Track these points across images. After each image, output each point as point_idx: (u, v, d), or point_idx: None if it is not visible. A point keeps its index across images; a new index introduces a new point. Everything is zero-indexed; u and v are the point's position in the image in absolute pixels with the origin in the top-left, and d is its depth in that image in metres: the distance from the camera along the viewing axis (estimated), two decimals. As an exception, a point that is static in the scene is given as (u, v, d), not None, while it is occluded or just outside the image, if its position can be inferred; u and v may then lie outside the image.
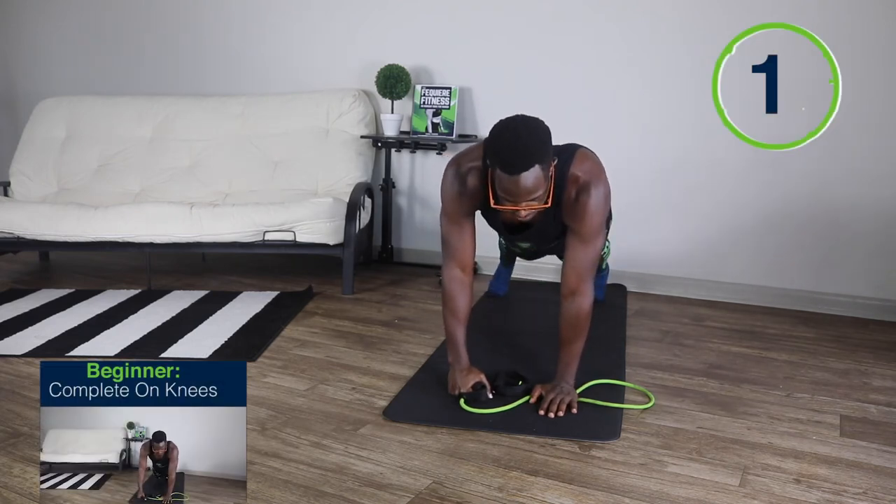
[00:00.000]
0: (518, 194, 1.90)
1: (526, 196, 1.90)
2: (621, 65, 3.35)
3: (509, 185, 1.89)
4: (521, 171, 1.85)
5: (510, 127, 1.91)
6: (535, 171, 1.86)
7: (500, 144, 1.90)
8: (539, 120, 1.95)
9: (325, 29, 3.97)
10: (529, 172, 1.85)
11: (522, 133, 1.89)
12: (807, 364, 2.49)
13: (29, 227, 3.31)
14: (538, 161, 1.86)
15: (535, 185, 1.88)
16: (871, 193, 3.00)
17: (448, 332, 2.20)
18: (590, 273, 2.09)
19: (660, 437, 1.92)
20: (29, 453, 1.79)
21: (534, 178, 1.86)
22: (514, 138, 1.88)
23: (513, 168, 1.86)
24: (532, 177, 1.86)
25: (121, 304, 3.10)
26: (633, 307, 3.15)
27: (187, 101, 4.09)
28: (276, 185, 3.74)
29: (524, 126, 1.91)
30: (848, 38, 2.87)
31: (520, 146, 1.86)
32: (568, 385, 2.08)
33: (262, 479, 1.69)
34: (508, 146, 1.88)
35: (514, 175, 1.86)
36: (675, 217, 3.35)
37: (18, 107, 4.84)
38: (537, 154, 1.86)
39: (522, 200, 1.92)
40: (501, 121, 1.95)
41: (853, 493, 1.66)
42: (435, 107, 3.66)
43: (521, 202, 1.92)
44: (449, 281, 2.19)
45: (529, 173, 1.85)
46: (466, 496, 1.63)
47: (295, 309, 3.05)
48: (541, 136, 1.91)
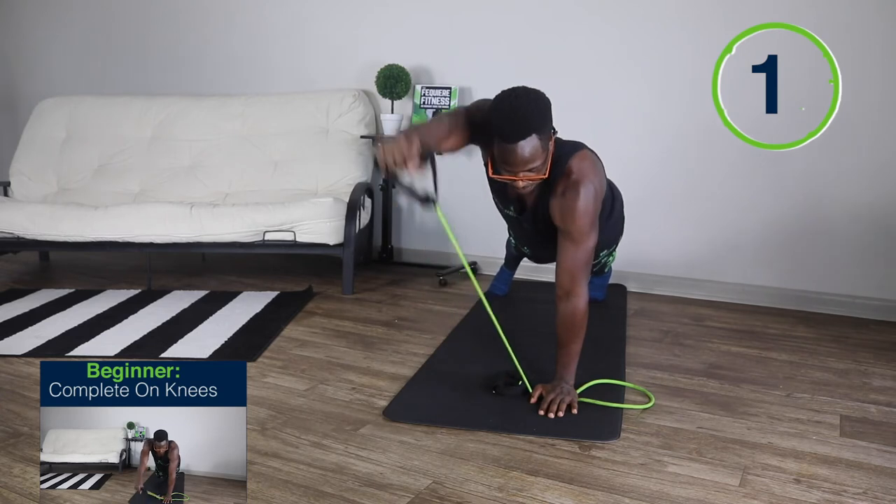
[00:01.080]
0: (516, 163, 1.93)
1: (523, 165, 1.93)
2: (621, 65, 3.35)
3: (508, 154, 1.92)
4: (519, 140, 1.88)
5: (510, 97, 1.94)
6: (532, 141, 1.89)
7: (500, 114, 1.92)
8: (540, 92, 1.97)
9: (325, 29, 3.97)
10: (527, 142, 1.89)
11: (522, 102, 1.92)
12: (807, 364, 2.49)
13: (29, 227, 3.31)
14: (536, 131, 1.89)
15: (532, 154, 1.91)
16: (871, 193, 3.00)
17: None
18: (583, 274, 2.09)
19: (660, 437, 1.92)
20: (29, 453, 1.79)
21: (531, 147, 1.90)
22: (513, 108, 1.91)
23: (511, 137, 1.89)
24: (529, 146, 1.89)
25: (121, 304, 3.10)
26: (633, 307, 3.14)
27: (187, 101, 4.09)
28: (276, 185, 3.75)
29: (525, 96, 1.94)
30: (848, 38, 2.87)
31: (518, 115, 1.89)
32: (568, 385, 2.08)
33: (262, 479, 1.69)
34: (507, 115, 1.90)
35: (512, 143, 1.89)
36: (675, 217, 3.35)
37: (18, 107, 4.84)
38: (535, 124, 1.89)
39: (520, 170, 1.95)
40: (503, 91, 1.97)
41: (853, 493, 1.66)
42: (435, 107, 3.66)
43: (518, 171, 1.95)
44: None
45: (527, 142, 1.89)
46: (466, 496, 1.63)
47: (295, 309, 3.05)
48: (540, 107, 1.93)
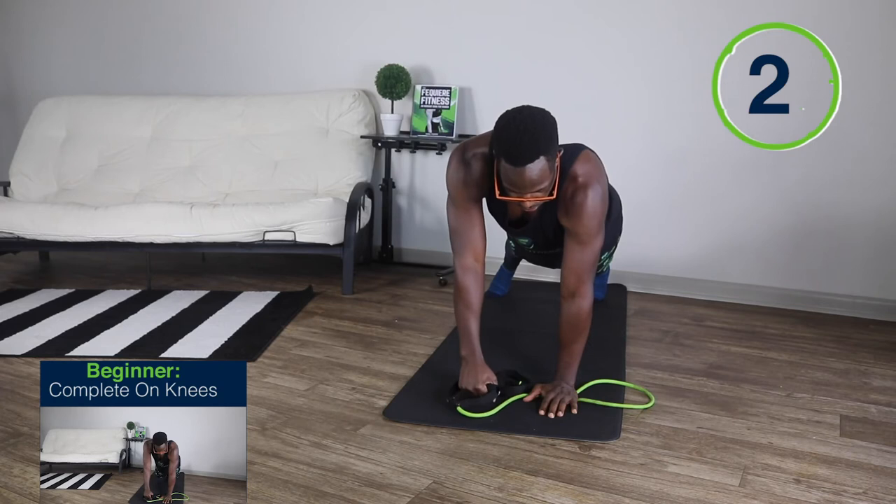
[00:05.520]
0: (523, 186, 1.90)
1: (531, 188, 1.90)
2: (621, 65, 3.35)
3: (515, 177, 1.89)
4: (527, 163, 1.85)
5: (516, 118, 1.90)
6: (540, 163, 1.86)
7: (506, 136, 1.89)
8: (545, 111, 1.94)
9: (325, 29, 3.97)
10: (535, 164, 1.85)
11: (528, 125, 1.88)
12: (807, 364, 2.49)
13: (29, 227, 3.31)
14: (543, 153, 1.86)
15: (540, 176, 1.88)
16: (871, 193, 3.00)
17: (462, 325, 2.16)
18: (589, 275, 2.09)
19: (660, 437, 1.92)
20: (29, 453, 1.79)
21: (539, 169, 1.87)
22: (519, 130, 1.87)
23: (518, 160, 1.86)
24: (537, 168, 1.86)
25: (121, 304, 3.10)
26: (634, 307, 3.15)
27: (187, 101, 4.08)
28: (276, 185, 3.74)
29: (530, 118, 1.90)
30: (848, 38, 2.87)
31: (525, 139, 1.86)
32: (568, 385, 2.08)
33: (262, 479, 1.69)
34: (514, 138, 1.87)
35: (520, 167, 1.86)
36: (675, 217, 3.35)
37: (18, 107, 4.84)
38: (543, 146, 1.86)
39: (528, 192, 1.92)
40: (508, 111, 1.94)
41: (853, 493, 1.66)
42: (435, 107, 3.66)
43: (526, 194, 1.93)
44: (463, 272, 2.15)
45: (535, 165, 1.86)
46: (466, 496, 1.63)
47: (295, 309, 3.05)
48: (546, 128, 1.90)
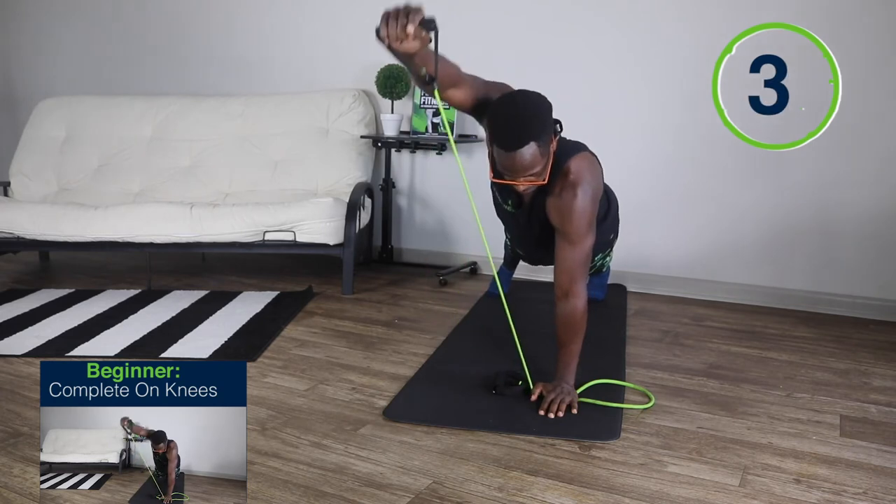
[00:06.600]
0: (515, 171, 1.92)
1: (523, 172, 1.92)
2: (621, 65, 3.35)
3: (507, 162, 1.91)
4: (517, 149, 1.87)
5: (509, 104, 1.92)
6: (531, 148, 1.87)
7: (498, 121, 1.91)
8: (540, 95, 1.95)
9: (325, 29, 3.97)
10: (526, 149, 1.87)
11: (521, 111, 1.89)
12: (807, 364, 2.49)
13: (29, 227, 3.31)
14: (535, 139, 1.87)
15: (531, 161, 1.90)
16: (871, 193, 3.00)
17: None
18: (581, 274, 2.09)
19: (660, 437, 1.92)
20: (29, 453, 1.79)
21: (530, 154, 1.88)
22: (511, 116, 1.89)
23: (509, 145, 1.88)
24: (528, 153, 1.88)
25: (121, 304, 3.10)
26: (633, 307, 3.14)
27: (187, 101, 4.09)
28: (276, 185, 3.75)
29: (523, 103, 1.92)
30: (848, 38, 2.87)
31: (517, 124, 1.87)
32: (568, 385, 2.08)
33: (262, 479, 1.69)
34: (506, 124, 1.89)
35: (511, 152, 1.88)
36: (676, 217, 3.35)
37: (18, 107, 4.84)
38: (534, 132, 1.87)
39: (520, 176, 1.94)
40: (501, 96, 1.95)
41: (853, 493, 1.66)
42: (435, 107, 3.66)
43: (518, 177, 1.95)
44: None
45: (526, 150, 1.87)
46: (466, 496, 1.63)
47: (295, 309, 3.05)
48: (539, 114, 1.91)
